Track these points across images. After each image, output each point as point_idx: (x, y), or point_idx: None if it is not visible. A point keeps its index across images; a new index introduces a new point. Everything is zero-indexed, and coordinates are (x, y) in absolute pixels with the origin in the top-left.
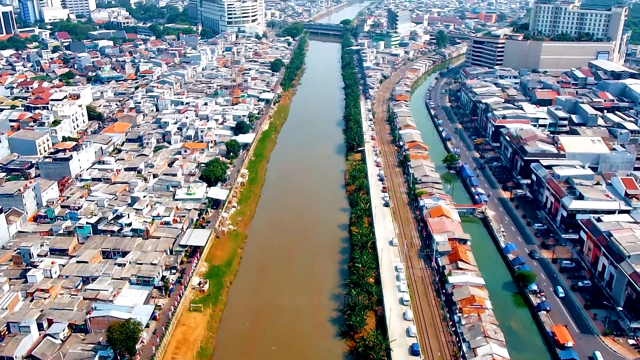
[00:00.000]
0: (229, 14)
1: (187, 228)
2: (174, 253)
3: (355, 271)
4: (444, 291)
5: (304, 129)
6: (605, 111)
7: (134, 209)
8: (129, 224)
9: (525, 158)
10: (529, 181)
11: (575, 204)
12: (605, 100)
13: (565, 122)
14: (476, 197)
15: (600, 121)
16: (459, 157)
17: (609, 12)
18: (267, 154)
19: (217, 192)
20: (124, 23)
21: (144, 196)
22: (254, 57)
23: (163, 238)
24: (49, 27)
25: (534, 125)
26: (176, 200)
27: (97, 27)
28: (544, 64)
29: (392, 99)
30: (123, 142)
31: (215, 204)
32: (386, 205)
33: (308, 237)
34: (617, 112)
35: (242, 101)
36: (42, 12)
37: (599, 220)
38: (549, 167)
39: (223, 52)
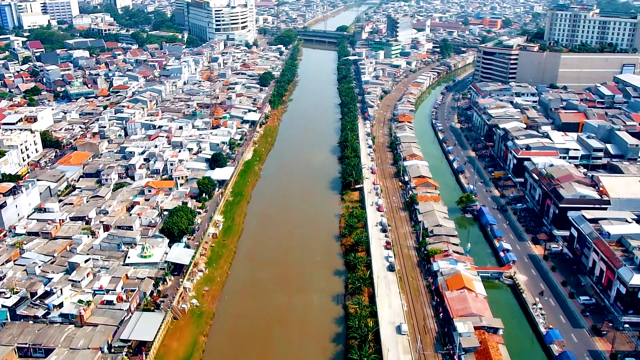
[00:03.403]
0: (217, 21)
1: (135, 308)
2: (112, 350)
3: None
4: None
5: (293, 159)
6: None
7: (70, 280)
8: (60, 305)
9: (561, 205)
10: (565, 233)
11: (637, 279)
12: None
13: (601, 154)
14: (501, 254)
15: None
16: (475, 196)
17: (634, 21)
18: (248, 191)
19: (179, 253)
20: (105, 30)
21: (86, 260)
22: (241, 68)
23: (101, 326)
24: (26, 34)
25: (563, 158)
26: (127, 265)
27: (77, 35)
28: (562, 78)
29: (394, 119)
30: (79, 177)
31: (178, 268)
32: (391, 269)
33: (293, 317)
34: None
35: (223, 124)
36: (21, 18)
37: None
38: (593, 220)
39: (209, 62)
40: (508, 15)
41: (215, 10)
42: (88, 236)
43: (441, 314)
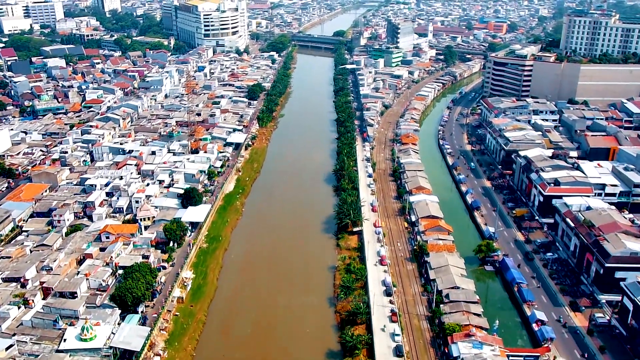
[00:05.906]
0: (205, 26)
1: None
2: None
3: None
4: None
5: (282, 190)
6: None
7: None
8: None
9: (607, 265)
10: (613, 297)
11: None
12: None
13: None
14: (535, 326)
15: None
16: (496, 241)
17: None
18: (227, 235)
19: (129, 335)
20: (87, 35)
21: (9, 347)
22: (230, 79)
23: None
24: (5, 39)
25: (599, 195)
26: (61, 351)
27: (58, 40)
28: (582, 92)
29: (397, 140)
30: (29, 217)
31: (129, 351)
32: (398, 353)
33: None
34: None
35: (203, 147)
36: (1, 22)
37: None
38: None
39: (194, 72)
40: (513, 19)
41: (204, 15)
42: (19, 307)
43: None
